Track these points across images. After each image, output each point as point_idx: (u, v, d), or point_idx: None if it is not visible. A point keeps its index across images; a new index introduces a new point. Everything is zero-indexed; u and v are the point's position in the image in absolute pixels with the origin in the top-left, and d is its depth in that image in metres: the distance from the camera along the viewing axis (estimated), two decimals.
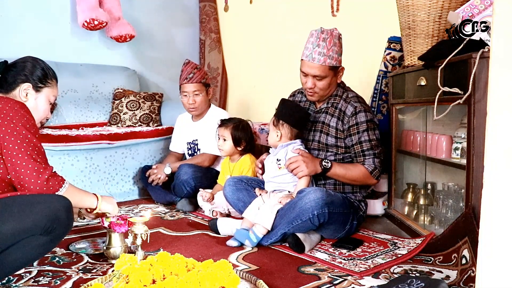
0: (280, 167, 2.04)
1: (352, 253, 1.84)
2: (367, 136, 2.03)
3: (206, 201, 2.56)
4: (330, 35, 2.01)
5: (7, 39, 3.25)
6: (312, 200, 1.84)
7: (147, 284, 1.30)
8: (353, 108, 2.06)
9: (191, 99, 2.83)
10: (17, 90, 1.66)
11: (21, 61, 1.71)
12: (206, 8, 4.20)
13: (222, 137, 2.56)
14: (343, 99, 2.12)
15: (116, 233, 1.77)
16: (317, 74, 2.02)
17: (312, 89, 2.07)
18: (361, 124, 2.03)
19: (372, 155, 2.03)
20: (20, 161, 1.49)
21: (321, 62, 2.00)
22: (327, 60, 2.00)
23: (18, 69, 1.67)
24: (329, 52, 2.00)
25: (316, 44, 2.00)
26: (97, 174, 2.87)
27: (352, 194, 2.11)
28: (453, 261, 1.61)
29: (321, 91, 2.08)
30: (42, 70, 1.71)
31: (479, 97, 1.58)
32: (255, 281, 1.46)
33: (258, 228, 1.93)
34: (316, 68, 2.01)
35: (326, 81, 2.05)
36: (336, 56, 2.03)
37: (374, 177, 2.03)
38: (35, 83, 1.68)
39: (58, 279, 1.58)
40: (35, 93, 1.68)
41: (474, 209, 1.60)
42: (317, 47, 2.00)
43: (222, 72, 4.14)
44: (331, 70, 2.04)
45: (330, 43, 1.99)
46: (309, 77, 2.05)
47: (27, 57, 1.74)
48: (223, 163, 2.70)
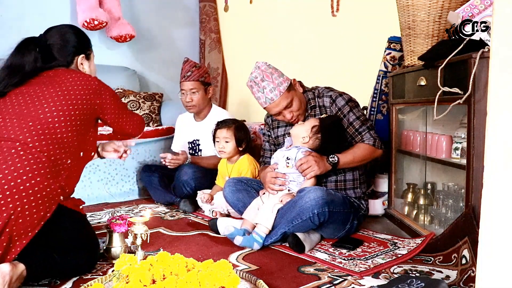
0: (288, 165, 2.03)
1: (352, 253, 1.84)
2: (353, 115, 2.08)
3: (204, 202, 2.57)
4: (261, 72, 2.05)
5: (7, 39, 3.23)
6: (312, 199, 1.84)
7: (147, 284, 1.30)
8: (329, 98, 2.13)
9: (188, 97, 2.83)
10: (74, 63, 1.80)
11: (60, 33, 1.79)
12: (206, 8, 4.20)
13: (225, 139, 2.54)
14: (316, 97, 2.18)
15: (116, 233, 1.77)
16: (285, 104, 2.06)
17: (293, 118, 2.13)
18: (343, 108, 2.09)
19: (366, 130, 2.07)
20: (125, 118, 1.82)
21: (278, 95, 2.04)
22: (280, 89, 2.04)
23: (64, 45, 1.78)
24: (275, 82, 2.04)
25: (262, 89, 2.04)
26: (97, 174, 2.87)
27: (352, 190, 2.12)
28: (453, 261, 1.61)
29: (300, 111, 2.13)
30: (82, 37, 1.85)
31: (479, 97, 1.58)
32: (255, 281, 1.46)
33: (260, 227, 1.93)
34: (280, 102, 2.05)
35: (296, 102, 2.10)
36: (281, 79, 2.06)
37: (378, 148, 2.07)
38: (85, 51, 1.84)
39: (58, 279, 1.58)
40: (87, 61, 1.85)
41: (474, 209, 1.60)
42: (264, 89, 2.04)
43: (222, 72, 4.15)
44: (290, 91, 2.08)
45: (268, 77, 2.04)
46: (283, 113, 2.10)
47: (64, 28, 1.83)
48: (221, 164, 2.69)
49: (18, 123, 1.52)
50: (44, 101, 1.58)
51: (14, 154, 1.44)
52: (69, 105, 1.61)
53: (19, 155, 1.44)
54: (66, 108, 1.60)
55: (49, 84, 1.63)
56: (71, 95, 1.63)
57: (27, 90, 1.62)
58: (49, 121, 1.55)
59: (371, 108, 2.64)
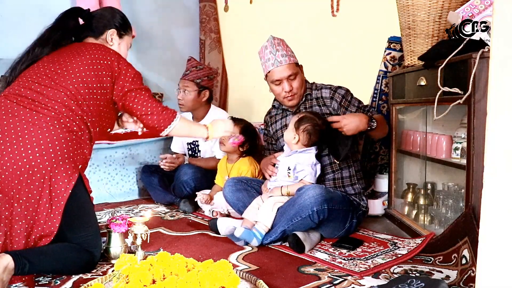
0: (290, 175, 2.04)
1: (352, 253, 1.84)
2: (357, 102, 2.18)
3: (204, 203, 2.56)
4: (279, 40, 2.16)
5: (7, 39, 3.24)
6: (312, 196, 1.84)
7: (147, 284, 1.30)
8: (328, 89, 2.20)
9: (180, 94, 2.85)
10: (104, 35, 1.86)
11: (103, 10, 1.94)
12: (206, 8, 4.20)
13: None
14: (313, 89, 2.23)
15: (116, 233, 1.77)
16: (290, 73, 2.12)
17: (291, 91, 2.15)
18: (346, 95, 2.17)
19: (370, 110, 2.19)
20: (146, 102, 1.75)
21: (288, 61, 2.12)
22: (291, 58, 2.14)
23: (103, 17, 1.87)
24: (288, 52, 2.15)
25: (275, 50, 2.12)
26: (97, 174, 2.87)
27: (351, 187, 2.12)
28: (453, 261, 1.61)
29: (298, 90, 2.17)
30: (123, 18, 1.93)
31: (479, 97, 1.58)
32: (255, 281, 1.46)
33: (260, 225, 1.93)
34: (287, 69, 2.11)
35: (299, 78, 2.17)
36: (294, 54, 2.17)
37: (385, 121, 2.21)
38: (119, 30, 1.89)
39: (58, 279, 1.58)
40: (118, 38, 1.90)
41: (474, 209, 1.60)
42: (277, 52, 2.12)
43: (222, 72, 4.14)
44: (297, 66, 2.17)
45: (284, 45, 2.15)
46: (283, 82, 2.13)
47: (108, 8, 1.98)
48: (220, 163, 2.69)
49: (52, 92, 1.62)
50: (72, 72, 1.67)
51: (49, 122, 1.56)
52: (93, 77, 1.68)
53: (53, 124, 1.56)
54: (90, 80, 1.68)
55: (79, 56, 1.71)
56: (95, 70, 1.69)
57: (57, 59, 1.71)
58: (73, 92, 1.64)
59: (371, 108, 2.64)
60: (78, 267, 1.63)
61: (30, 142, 1.51)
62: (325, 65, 3.23)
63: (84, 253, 1.63)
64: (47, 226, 1.52)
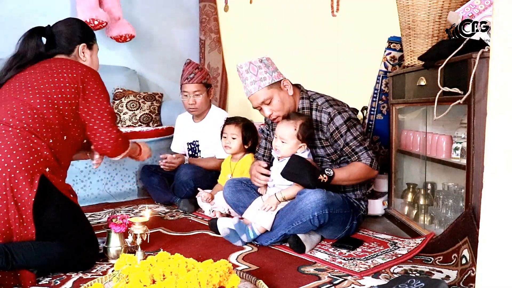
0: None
1: (352, 253, 1.84)
2: (350, 135, 2.01)
3: (205, 201, 2.57)
4: (248, 64, 2.05)
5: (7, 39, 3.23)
6: (313, 201, 1.84)
7: (147, 284, 1.30)
8: (327, 115, 2.04)
9: (191, 99, 2.82)
10: (75, 51, 1.87)
11: (62, 25, 1.88)
12: (206, 8, 4.20)
13: (232, 135, 2.57)
14: (313, 109, 2.09)
15: (115, 233, 1.77)
16: (262, 100, 2.04)
17: (272, 115, 2.08)
18: (341, 127, 2.01)
19: (363, 150, 2.01)
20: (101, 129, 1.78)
21: (257, 88, 2.03)
22: (259, 83, 2.03)
23: (64, 33, 1.86)
24: (258, 76, 2.03)
25: (244, 79, 2.07)
26: (97, 174, 2.87)
27: (352, 193, 2.11)
28: (453, 261, 1.61)
29: (280, 111, 2.06)
30: (84, 27, 1.92)
31: (479, 97, 1.58)
32: (255, 281, 1.46)
33: (256, 225, 1.93)
34: (258, 96, 2.04)
35: (276, 100, 2.04)
36: (266, 75, 2.04)
37: (375, 168, 2.02)
38: (86, 41, 1.89)
39: (58, 279, 1.58)
40: (89, 51, 1.90)
41: (474, 209, 1.60)
42: (246, 81, 2.06)
43: (222, 72, 4.14)
44: (272, 88, 2.04)
45: (253, 70, 2.03)
46: (262, 108, 2.08)
47: (67, 20, 1.93)
48: (224, 163, 2.70)
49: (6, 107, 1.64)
50: (31, 87, 1.68)
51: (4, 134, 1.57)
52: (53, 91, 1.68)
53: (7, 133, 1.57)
54: (50, 93, 1.68)
55: (43, 72, 1.72)
56: (58, 82, 1.70)
57: (23, 75, 1.73)
58: (32, 103, 1.64)
59: (371, 108, 2.65)
60: (72, 265, 1.62)
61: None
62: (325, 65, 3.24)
63: (78, 252, 1.62)
64: (24, 235, 1.52)
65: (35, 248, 1.53)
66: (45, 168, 1.59)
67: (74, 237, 1.63)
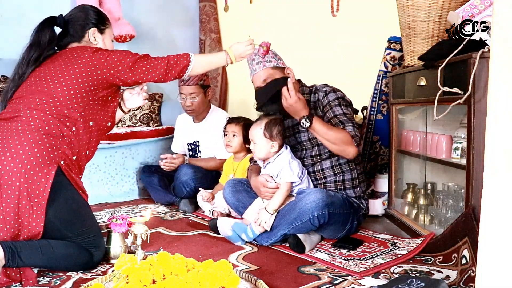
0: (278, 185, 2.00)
1: (352, 253, 1.84)
2: (340, 110, 2.03)
3: (206, 201, 2.57)
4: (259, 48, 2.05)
5: (7, 39, 3.25)
6: (312, 201, 1.84)
7: (147, 284, 1.30)
8: (323, 92, 2.11)
9: (188, 101, 2.81)
10: (86, 36, 1.86)
11: (75, 11, 1.91)
12: (206, 8, 4.20)
13: (233, 132, 2.58)
14: (312, 93, 2.16)
15: (116, 233, 1.77)
16: (264, 78, 2.05)
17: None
18: (332, 101, 2.06)
19: (350, 124, 1.99)
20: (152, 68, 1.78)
21: (261, 67, 2.06)
22: (265, 63, 2.06)
23: (77, 19, 1.86)
24: (264, 58, 2.07)
25: (251, 60, 2.11)
26: (97, 174, 2.87)
27: (352, 190, 2.10)
28: (453, 261, 1.61)
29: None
30: (97, 13, 1.91)
31: (479, 97, 1.58)
32: (255, 281, 1.46)
33: (256, 226, 1.93)
34: (262, 75, 2.06)
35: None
36: (273, 60, 2.09)
37: (355, 143, 1.96)
38: (98, 26, 1.88)
39: (58, 279, 1.58)
40: (100, 35, 1.89)
41: (474, 209, 1.60)
42: (253, 61, 2.10)
43: (222, 72, 4.14)
44: (275, 70, 2.07)
45: (262, 54, 2.06)
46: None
47: (80, 6, 1.95)
48: (227, 163, 2.70)
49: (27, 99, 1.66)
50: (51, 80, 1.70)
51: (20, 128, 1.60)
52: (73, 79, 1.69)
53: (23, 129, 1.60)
54: (70, 83, 1.69)
55: (61, 62, 1.73)
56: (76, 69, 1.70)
57: (43, 70, 1.74)
58: (54, 96, 1.66)
59: (371, 108, 2.65)
60: (76, 265, 1.63)
61: (3, 152, 1.55)
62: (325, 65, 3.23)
63: (83, 252, 1.63)
64: (32, 227, 1.54)
65: (42, 248, 1.54)
66: (60, 161, 1.63)
67: (81, 237, 1.64)
